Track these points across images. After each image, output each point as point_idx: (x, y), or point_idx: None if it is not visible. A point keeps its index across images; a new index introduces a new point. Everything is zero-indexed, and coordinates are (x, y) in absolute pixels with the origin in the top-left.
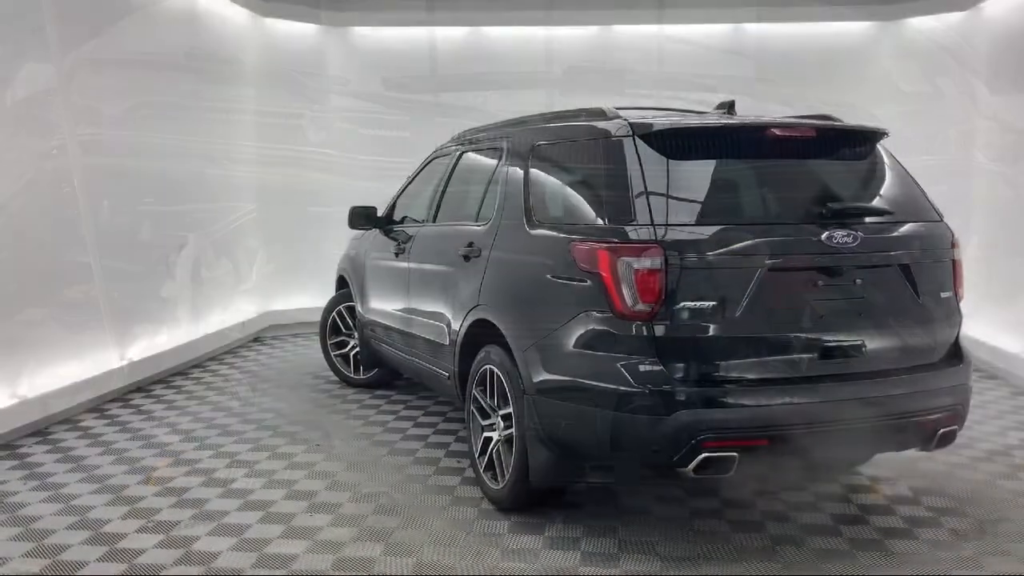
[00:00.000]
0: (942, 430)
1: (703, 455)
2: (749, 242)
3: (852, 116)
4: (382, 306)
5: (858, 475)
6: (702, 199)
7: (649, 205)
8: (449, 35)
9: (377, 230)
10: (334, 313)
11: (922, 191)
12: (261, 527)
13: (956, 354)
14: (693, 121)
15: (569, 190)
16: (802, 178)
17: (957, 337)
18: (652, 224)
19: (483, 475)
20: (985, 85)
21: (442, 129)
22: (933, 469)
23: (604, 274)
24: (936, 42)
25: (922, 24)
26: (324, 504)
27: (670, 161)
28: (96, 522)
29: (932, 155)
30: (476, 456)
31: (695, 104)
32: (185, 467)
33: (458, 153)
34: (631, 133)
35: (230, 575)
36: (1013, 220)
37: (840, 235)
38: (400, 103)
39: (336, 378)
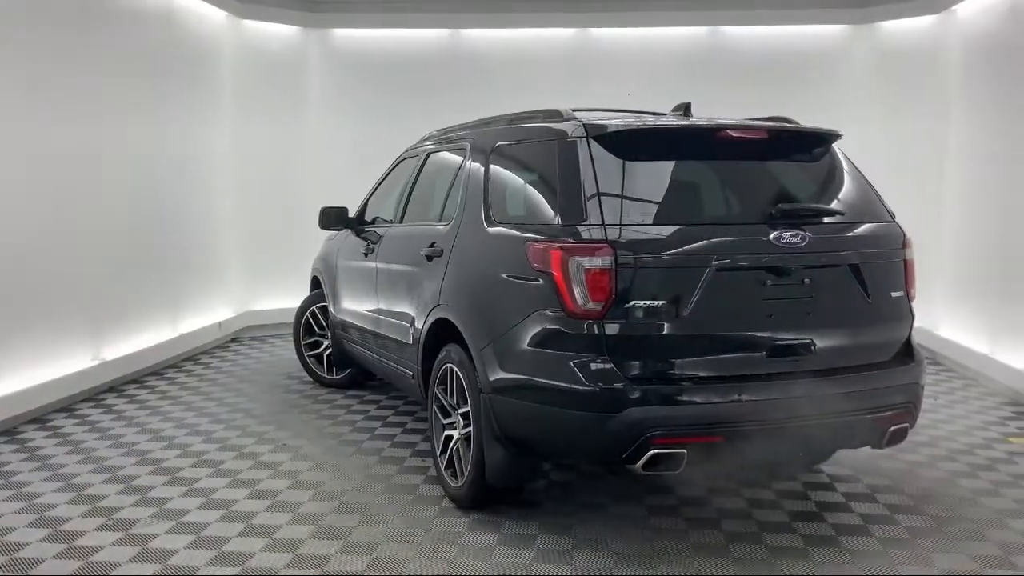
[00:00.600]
0: (892, 428)
1: (652, 452)
2: (698, 242)
3: (825, 119)
4: (352, 306)
5: (818, 473)
6: (655, 200)
7: (601, 205)
8: (429, 36)
9: (349, 231)
10: (308, 313)
11: (875, 192)
12: (220, 525)
13: (908, 353)
14: (647, 123)
15: (526, 190)
16: (754, 179)
17: (909, 336)
18: (603, 224)
19: (444, 473)
20: (958, 87)
21: (421, 131)
22: (894, 467)
23: (556, 273)
24: (909, 45)
25: (895, 27)
26: (285, 503)
27: (624, 162)
28: (56, 520)
29: (905, 157)
30: (438, 454)
31: (670, 106)
32: (150, 466)
33: (425, 154)
34: (585, 134)
35: (184, 573)
36: (983, 222)
37: (789, 235)
38: (379, 105)
39: (310, 378)
